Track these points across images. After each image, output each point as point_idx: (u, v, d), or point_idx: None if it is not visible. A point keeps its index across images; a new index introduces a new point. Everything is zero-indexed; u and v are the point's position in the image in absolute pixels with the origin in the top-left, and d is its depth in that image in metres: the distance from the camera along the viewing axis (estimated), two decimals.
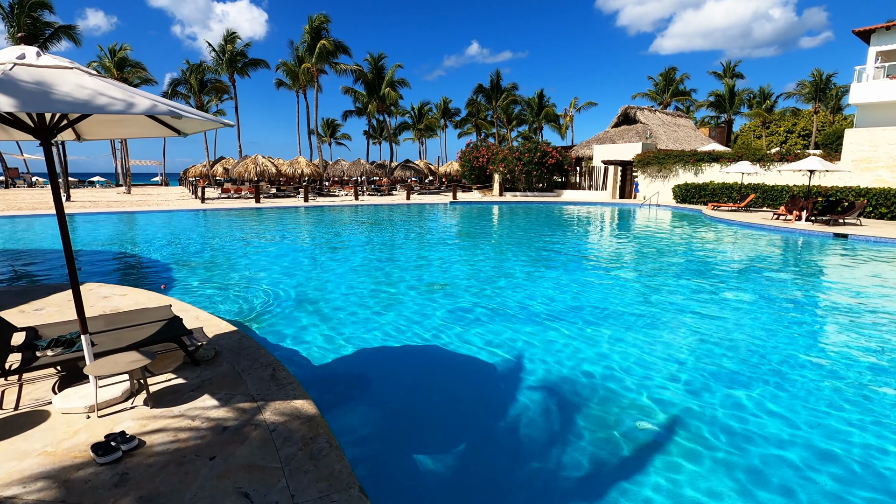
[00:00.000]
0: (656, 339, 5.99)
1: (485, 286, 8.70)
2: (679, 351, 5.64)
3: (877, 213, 19.55)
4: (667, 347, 5.74)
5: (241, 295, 7.61)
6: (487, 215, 23.36)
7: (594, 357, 5.43)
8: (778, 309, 7.43)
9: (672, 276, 9.78)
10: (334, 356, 5.27)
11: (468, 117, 59.34)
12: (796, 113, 59.28)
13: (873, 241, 13.81)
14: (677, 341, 5.96)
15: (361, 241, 14.32)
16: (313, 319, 6.42)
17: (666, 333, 6.23)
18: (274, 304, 7.05)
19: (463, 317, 6.79)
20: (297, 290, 7.89)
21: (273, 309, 6.82)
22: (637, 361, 5.30)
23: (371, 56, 40.03)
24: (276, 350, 5.26)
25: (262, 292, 7.83)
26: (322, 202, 28.23)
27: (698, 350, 5.67)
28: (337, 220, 20.41)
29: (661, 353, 5.54)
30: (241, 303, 7.14)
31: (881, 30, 23.06)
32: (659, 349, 5.68)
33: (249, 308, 6.86)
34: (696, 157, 28.51)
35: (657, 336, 6.12)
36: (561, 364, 5.24)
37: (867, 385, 4.78)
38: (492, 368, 5.14)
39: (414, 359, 5.41)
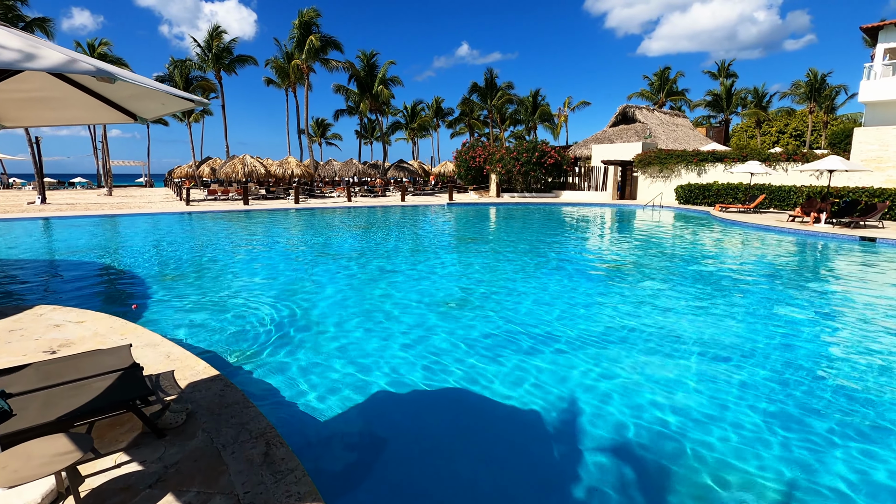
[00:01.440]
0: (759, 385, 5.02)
1: (506, 303, 7.67)
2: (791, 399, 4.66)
3: (892, 214, 18.87)
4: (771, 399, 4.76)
5: (226, 319, 6.48)
6: (489, 218, 22.36)
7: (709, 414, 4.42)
8: (853, 334, 6.50)
9: (730, 293, 8.82)
10: (343, 408, 4.19)
11: (461, 117, 58.38)
12: (790, 113, 59.13)
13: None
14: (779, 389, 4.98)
15: (359, 248, 13.22)
16: (312, 356, 5.30)
17: (761, 376, 5.25)
18: (264, 333, 5.92)
19: (491, 346, 5.75)
20: (292, 314, 6.77)
21: (263, 340, 5.68)
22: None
23: (363, 53, 38.85)
24: (267, 404, 4.13)
25: (251, 316, 6.71)
26: (314, 204, 27.04)
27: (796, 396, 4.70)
28: (330, 223, 19.27)
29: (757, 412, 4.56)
30: (226, 331, 5.99)
31: (890, 26, 22.48)
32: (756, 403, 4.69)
33: (235, 338, 5.73)
34: (700, 156, 27.78)
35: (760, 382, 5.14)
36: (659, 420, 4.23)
37: None
38: (538, 419, 4.11)
39: (443, 411, 4.33)
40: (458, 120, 60.34)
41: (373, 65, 39.09)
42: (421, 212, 24.64)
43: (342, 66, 36.46)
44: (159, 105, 2.74)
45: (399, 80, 40.72)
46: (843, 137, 27.64)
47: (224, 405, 3.36)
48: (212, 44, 37.64)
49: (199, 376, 3.84)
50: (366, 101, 39.29)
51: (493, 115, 52.46)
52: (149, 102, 2.70)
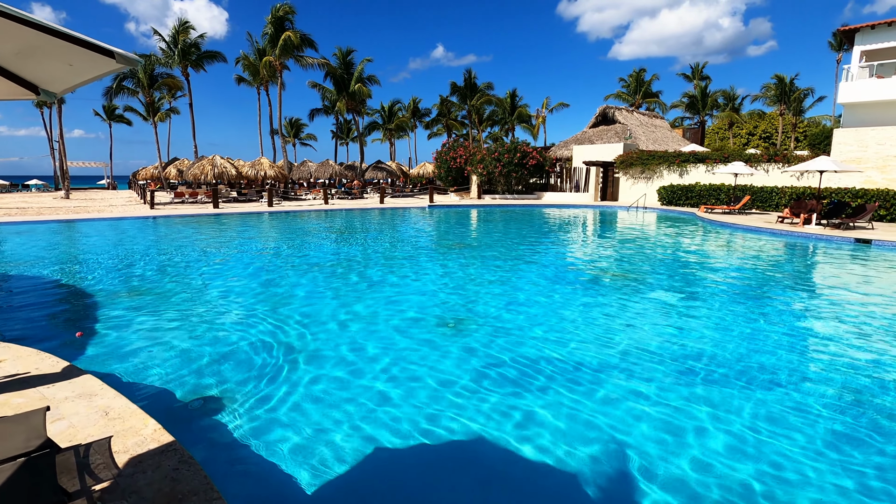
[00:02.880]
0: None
1: (514, 320, 6.87)
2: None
3: (875, 215, 18.89)
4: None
5: (188, 352, 5.45)
6: (473, 221, 21.59)
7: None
8: (873, 344, 5.93)
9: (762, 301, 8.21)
10: (338, 483, 3.29)
11: (439, 117, 57.59)
12: (761, 115, 60.42)
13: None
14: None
15: (341, 256, 12.24)
16: (298, 405, 4.35)
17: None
18: (235, 373, 4.94)
19: (504, 377, 4.93)
20: (268, 345, 5.78)
21: (234, 383, 4.68)
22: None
23: (340, 50, 37.59)
24: (239, 485, 3.18)
25: (219, 346, 5.71)
26: (288, 207, 25.79)
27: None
28: (307, 228, 18.17)
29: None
30: (187, 368, 4.94)
31: (866, 29, 22.65)
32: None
33: (198, 378, 4.69)
34: (681, 157, 27.67)
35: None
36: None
37: None
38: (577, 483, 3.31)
39: (462, 474, 3.49)
40: (435, 121, 59.53)
41: (349, 62, 37.88)
42: (402, 215, 23.72)
43: (317, 63, 35.16)
44: (65, 67, 1.85)
45: (376, 79, 39.67)
46: (822, 139, 27.95)
47: (177, 497, 2.43)
48: (178, 39, 35.82)
49: (147, 445, 2.90)
50: (343, 99, 38.05)
51: (472, 116, 51.83)
52: (49, 63, 1.81)
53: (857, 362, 5.32)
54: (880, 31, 21.90)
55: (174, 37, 35.89)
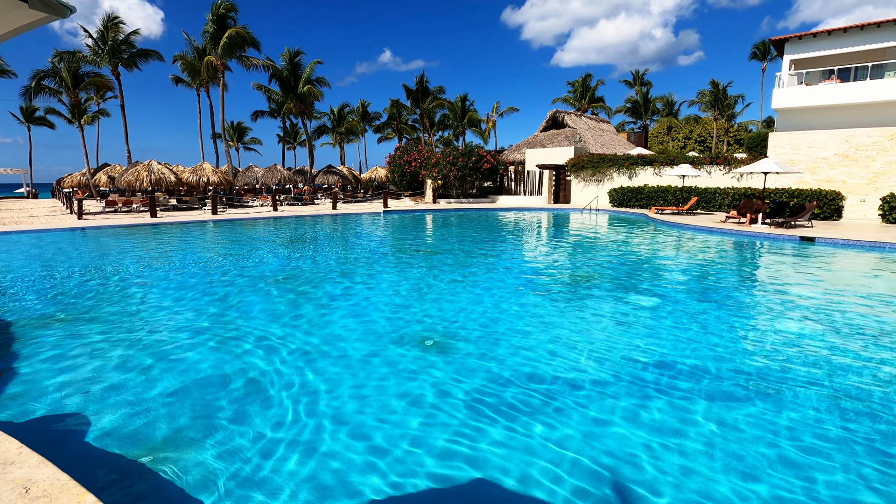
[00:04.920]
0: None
1: (498, 334, 6.49)
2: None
3: (811, 213, 20.10)
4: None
5: (132, 393, 4.70)
6: (432, 226, 21.17)
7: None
8: (849, 338, 6.01)
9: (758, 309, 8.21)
10: None
11: (389, 121, 56.93)
12: (697, 120, 63.89)
13: (842, 243, 13.54)
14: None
15: (297, 268, 11.46)
16: (261, 461, 3.77)
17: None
18: (189, 415, 4.24)
19: (499, 407, 4.52)
20: (224, 378, 5.09)
21: (190, 431, 3.99)
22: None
23: (288, 51, 36.16)
24: None
25: (169, 380, 4.97)
26: (234, 215, 24.36)
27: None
28: (256, 237, 17.11)
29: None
30: (130, 418, 4.22)
31: (794, 39, 24.17)
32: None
33: (145, 431, 3.98)
34: (630, 160, 28.50)
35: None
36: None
37: None
38: None
39: None
40: (385, 124, 58.78)
41: (297, 64, 36.51)
42: (356, 221, 22.95)
43: (262, 64, 33.62)
44: None
45: (326, 81, 38.55)
46: (758, 142, 29.65)
47: None
48: (107, 36, 33.22)
49: None
50: (290, 102, 36.62)
51: (424, 120, 51.51)
52: None
53: (824, 355, 5.32)
54: (807, 42, 23.42)
55: (102, 33, 33.25)
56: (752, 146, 30.22)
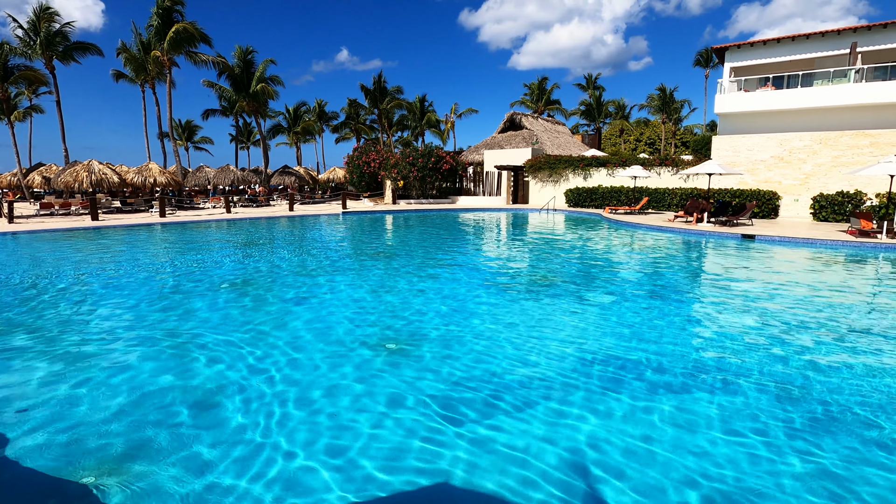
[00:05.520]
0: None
1: (459, 335, 6.52)
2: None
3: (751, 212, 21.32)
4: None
5: (62, 412, 4.42)
6: (392, 227, 21.05)
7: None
8: (792, 330, 6.44)
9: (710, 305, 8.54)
10: None
11: (347, 121, 56.20)
12: (646, 123, 66.56)
13: (778, 240, 14.44)
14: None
15: (251, 272, 11.13)
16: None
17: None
18: (121, 431, 4.02)
19: (459, 407, 4.54)
20: (169, 404, 4.89)
21: (121, 452, 3.78)
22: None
23: (239, 49, 34.98)
24: None
25: (99, 401, 4.71)
26: (184, 217, 23.37)
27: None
28: (208, 241, 16.49)
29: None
30: (62, 434, 3.96)
31: (733, 48, 25.57)
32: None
33: (71, 449, 3.75)
34: (585, 162, 29.32)
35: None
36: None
37: None
38: None
39: None
40: (343, 124, 58.03)
41: (249, 62, 35.41)
42: (314, 223, 22.51)
43: (213, 61, 32.40)
44: None
45: (280, 79, 37.58)
46: (703, 144, 31.14)
47: None
48: (39, 27, 31.13)
49: None
50: (242, 100, 35.49)
51: (382, 120, 51.15)
52: None
53: (767, 344, 5.68)
54: (745, 51, 24.81)
55: (34, 24, 31.14)
56: (697, 148, 31.74)
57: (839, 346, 5.89)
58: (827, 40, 22.11)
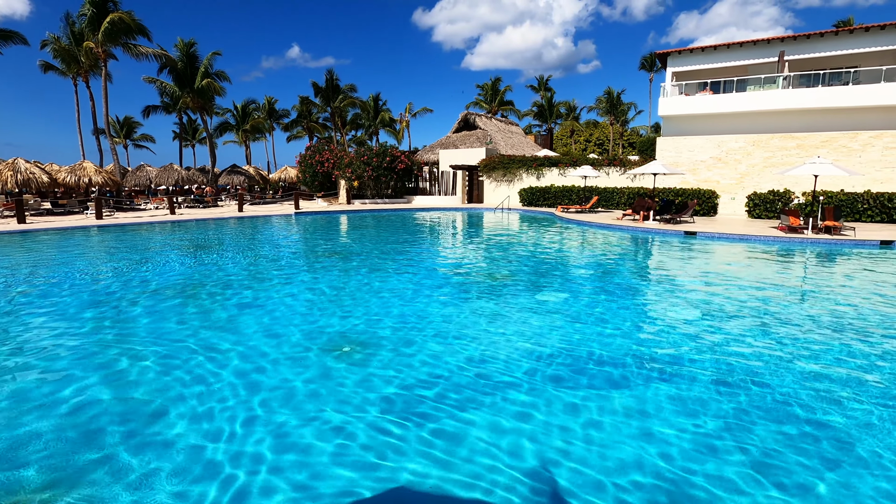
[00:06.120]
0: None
1: (415, 337, 6.49)
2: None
3: (693, 210, 22.43)
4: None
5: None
6: (347, 228, 20.73)
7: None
8: (743, 322, 6.83)
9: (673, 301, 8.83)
10: None
11: (299, 119, 54.82)
12: (596, 125, 68.77)
13: (717, 237, 15.28)
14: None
15: (197, 277, 10.67)
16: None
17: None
18: (60, 451, 3.77)
19: (419, 409, 4.53)
20: (105, 410, 4.60)
21: (57, 475, 3.55)
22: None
23: (182, 41, 33.36)
24: None
25: (29, 422, 4.40)
26: (124, 219, 22.09)
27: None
28: (151, 244, 15.67)
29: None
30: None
31: (675, 53, 26.84)
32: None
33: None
34: (538, 162, 29.95)
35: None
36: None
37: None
38: None
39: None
40: (295, 122, 56.53)
41: (193, 56, 33.85)
42: (265, 224, 21.84)
43: (154, 54, 30.76)
44: None
45: (226, 75, 36.15)
46: (648, 145, 32.49)
47: None
48: None
49: None
50: (186, 96, 33.90)
51: (335, 119, 50.25)
52: None
53: (707, 333, 6.02)
54: (685, 56, 26.07)
55: None
56: (643, 149, 33.12)
57: (771, 334, 6.30)
58: (758, 48, 23.59)
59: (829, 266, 11.48)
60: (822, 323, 6.84)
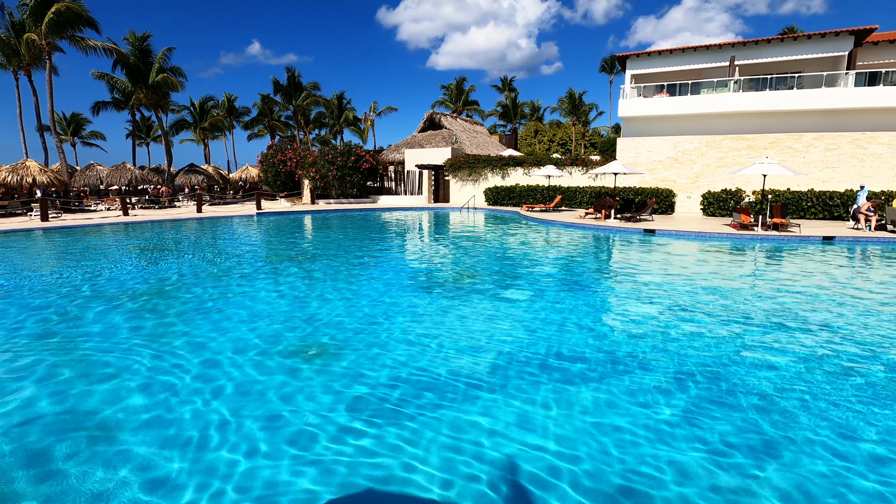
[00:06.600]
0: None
1: (381, 338, 6.44)
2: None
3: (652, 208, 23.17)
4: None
5: None
6: (311, 228, 20.36)
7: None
8: (707, 319, 7.10)
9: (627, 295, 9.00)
10: None
11: (260, 117, 53.46)
12: (559, 125, 70.09)
13: (675, 234, 15.85)
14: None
15: (153, 281, 10.26)
16: None
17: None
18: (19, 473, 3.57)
19: (386, 411, 4.51)
20: (58, 422, 4.38)
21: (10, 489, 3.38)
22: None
23: (133, 35, 31.90)
24: None
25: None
26: (72, 221, 21.00)
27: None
28: (101, 247, 14.96)
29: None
30: None
31: (633, 56, 27.66)
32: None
33: None
34: (503, 161, 30.26)
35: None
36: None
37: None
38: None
39: None
40: (256, 121, 55.07)
41: (146, 50, 32.46)
42: (226, 225, 21.20)
43: (103, 48, 29.31)
44: None
45: (182, 71, 34.84)
46: (609, 145, 33.32)
47: None
48: None
49: None
50: (140, 92, 32.49)
51: (298, 117, 49.27)
52: None
53: (666, 327, 6.25)
54: (643, 59, 26.91)
55: None
56: (604, 149, 33.97)
57: (724, 325, 6.59)
58: (711, 53, 24.58)
59: (777, 261, 12.10)
60: (770, 313, 7.20)
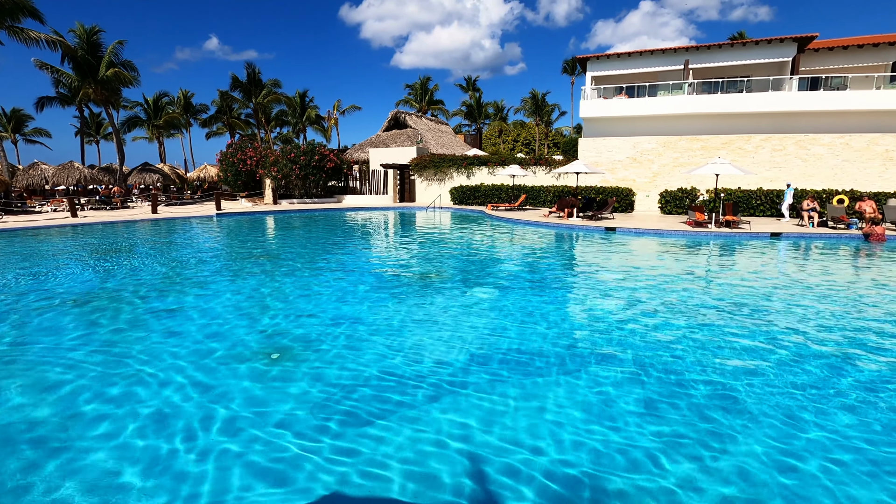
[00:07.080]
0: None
1: (348, 339, 6.37)
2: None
3: (613, 207, 23.81)
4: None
5: None
6: (274, 229, 19.90)
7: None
8: (674, 311, 7.35)
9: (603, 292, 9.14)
10: None
11: (219, 115, 51.77)
12: (523, 125, 71.04)
13: (635, 231, 16.36)
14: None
15: (104, 287, 9.80)
16: None
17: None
18: None
19: (354, 412, 4.47)
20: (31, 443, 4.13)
21: None
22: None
23: (81, 27, 30.26)
24: None
25: None
26: (14, 223, 19.79)
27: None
28: (47, 251, 14.17)
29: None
30: None
31: (593, 59, 28.34)
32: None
33: None
34: (468, 161, 30.43)
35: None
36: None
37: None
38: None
39: None
40: (214, 118, 53.28)
41: (95, 43, 30.86)
42: (183, 227, 20.46)
43: (48, 40, 27.71)
44: None
45: (134, 65, 33.31)
46: (571, 145, 34.01)
47: None
48: None
49: None
50: (88, 87, 30.90)
51: (259, 115, 48.02)
52: None
53: (626, 322, 6.46)
54: (603, 62, 27.60)
55: None
56: (566, 149, 34.65)
57: (683, 317, 6.86)
58: (667, 56, 25.45)
59: (729, 256, 12.67)
60: (724, 304, 7.54)
